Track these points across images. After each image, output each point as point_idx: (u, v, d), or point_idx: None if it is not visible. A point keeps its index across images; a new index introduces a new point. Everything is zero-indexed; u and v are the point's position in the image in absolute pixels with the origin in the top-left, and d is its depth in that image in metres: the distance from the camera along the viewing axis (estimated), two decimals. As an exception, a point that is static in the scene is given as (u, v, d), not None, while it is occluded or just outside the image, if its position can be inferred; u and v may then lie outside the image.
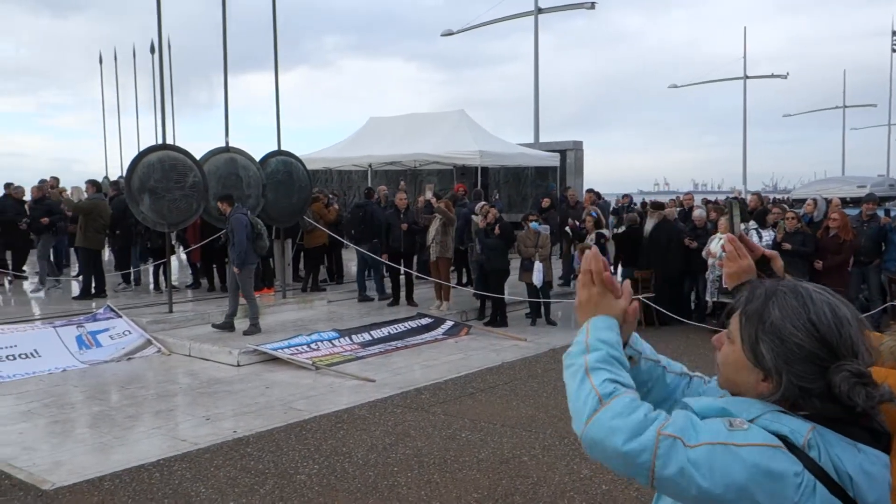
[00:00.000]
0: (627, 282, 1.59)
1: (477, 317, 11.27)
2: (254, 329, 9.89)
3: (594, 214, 11.96)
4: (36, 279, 13.76)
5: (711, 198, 26.30)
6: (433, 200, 12.06)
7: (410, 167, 20.79)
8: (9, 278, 14.33)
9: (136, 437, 6.24)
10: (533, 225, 11.47)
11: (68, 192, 15.82)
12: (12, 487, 5.07)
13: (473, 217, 11.79)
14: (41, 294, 12.86)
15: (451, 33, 29.64)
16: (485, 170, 19.12)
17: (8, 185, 14.64)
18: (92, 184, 13.28)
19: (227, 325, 10.03)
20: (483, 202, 12.68)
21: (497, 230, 10.87)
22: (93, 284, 12.37)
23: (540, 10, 25.81)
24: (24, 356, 8.64)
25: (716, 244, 10.47)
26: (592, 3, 25.36)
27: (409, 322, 10.77)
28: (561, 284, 13.48)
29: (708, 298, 10.81)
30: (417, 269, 12.68)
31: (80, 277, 12.75)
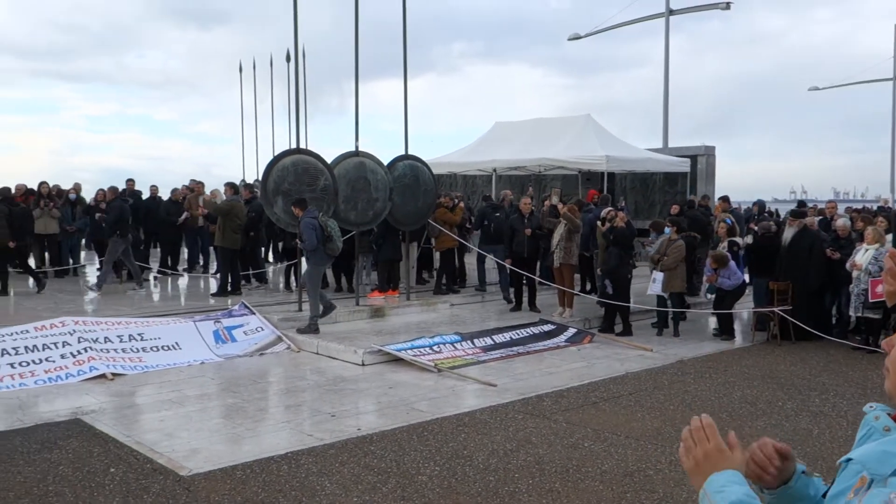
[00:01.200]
0: (732, 433, 1.45)
1: (601, 326, 11.04)
2: (311, 328, 10.05)
3: (728, 222, 11.49)
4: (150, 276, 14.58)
5: (852, 206, 24.74)
6: (559, 205, 11.93)
7: (535, 172, 20.67)
8: (154, 275, 15.28)
9: (266, 430, 6.48)
10: (666, 231, 11.16)
11: (208, 193, 16.69)
12: (154, 472, 5.37)
13: (599, 223, 11.57)
14: (93, 295, 13.03)
15: (578, 37, 29.28)
16: (611, 175, 18.76)
17: (154, 187, 15.65)
18: (230, 186, 13.95)
19: (313, 328, 10.08)
20: (609, 207, 12.44)
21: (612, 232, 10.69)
22: (229, 282, 12.99)
23: (672, 12, 25.11)
24: (166, 348, 9.16)
25: (861, 256, 9.83)
26: (727, 4, 24.42)
27: (532, 328, 10.69)
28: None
29: (851, 313, 10.15)
30: (540, 274, 12.58)
31: (218, 275, 13.41)
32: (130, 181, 16.50)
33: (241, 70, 22.19)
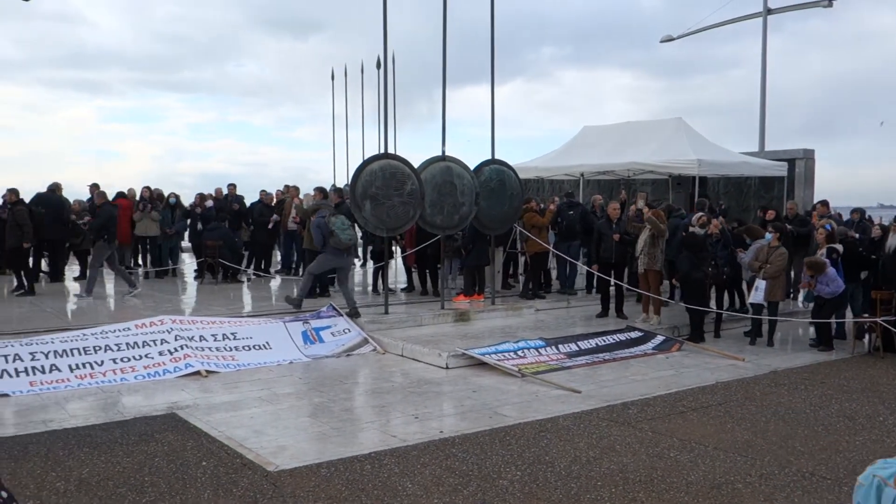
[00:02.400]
0: None
1: (689, 334, 10.75)
2: (293, 302, 11.38)
3: (828, 227, 11.02)
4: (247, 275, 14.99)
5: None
6: (645, 210, 11.70)
7: (624, 176, 20.35)
8: (249, 276, 15.77)
9: (351, 430, 6.59)
10: (767, 237, 10.82)
11: (301, 197, 17.12)
12: (243, 467, 5.54)
13: (692, 228, 11.28)
14: (85, 303, 12.51)
15: (670, 39, 28.65)
16: (703, 180, 18.28)
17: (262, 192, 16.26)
18: (319, 190, 14.26)
19: (294, 304, 11.33)
20: (700, 213, 12.12)
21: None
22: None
23: (770, 11, 24.27)
24: (257, 347, 9.43)
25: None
26: (829, 1, 23.46)
27: (618, 335, 10.53)
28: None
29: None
30: (628, 280, 12.37)
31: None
32: (231, 186, 17.10)
33: (333, 77, 22.74)
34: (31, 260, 14.42)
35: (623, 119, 22.28)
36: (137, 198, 15.90)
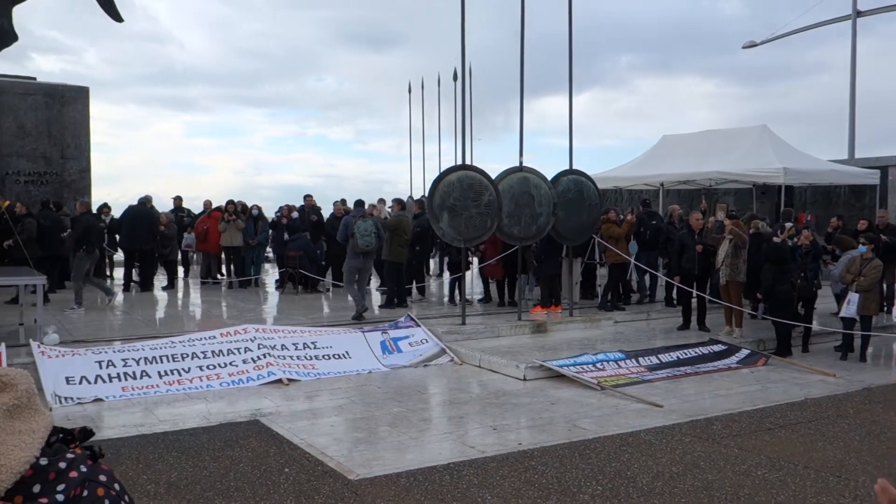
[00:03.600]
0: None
1: (775, 348, 10.39)
2: (356, 316, 11.78)
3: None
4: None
5: None
6: (726, 221, 11.40)
7: (705, 186, 19.89)
8: (328, 286, 16.05)
9: (429, 440, 6.61)
10: (861, 249, 10.40)
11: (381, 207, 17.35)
12: (324, 474, 5.62)
13: (775, 239, 10.94)
14: (76, 314, 12.18)
15: (753, 45, 27.94)
16: (789, 189, 17.71)
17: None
18: (397, 202, 14.42)
19: (356, 317, 11.76)
20: (789, 223, 11.75)
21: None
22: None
23: (859, 14, 23.43)
24: (337, 356, 9.58)
25: None
26: (924, 2, 22.47)
27: (701, 348, 10.27)
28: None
29: None
30: (710, 292, 12.06)
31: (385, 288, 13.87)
32: (308, 197, 17.46)
33: (410, 90, 23.03)
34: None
35: (704, 127, 21.84)
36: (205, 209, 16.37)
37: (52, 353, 8.48)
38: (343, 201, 16.98)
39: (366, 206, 13.50)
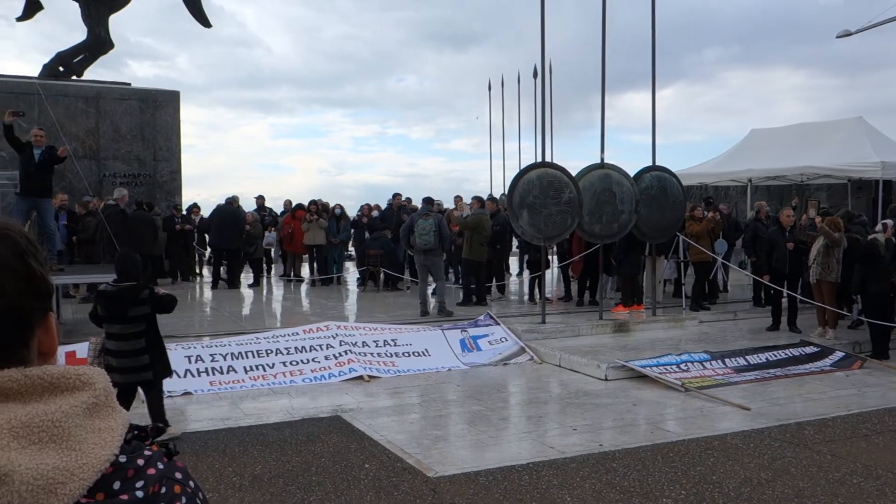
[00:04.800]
0: None
1: (871, 351, 9.92)
2: (445, 311, 11.96)
3: None
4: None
5: None
6: (817, 219, 10.94)
7: (796, 182, 19.18)
8: (408, 284, 16.17)
9: (508, 439, 6.57)
10: None
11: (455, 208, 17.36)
12: (403, 471, 5.65)
13: (877, 236, 10.43)
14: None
15: (848, 34, 26.74)
16: (887, 183, 16.89)
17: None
18: (476, 200, 14.40)
19: (423, 312, 12.01)
20: (889, 220, 11.20)
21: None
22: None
23: (964, -2, 22.11)
24: (416, 354, 9.63)
25: None
26: None
27: (791, 349, 9.89)
28: None
29: None
30: (801, 291, 11.61)
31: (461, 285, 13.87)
32: (397, 195, 17.58)
33: (489, 88, 22.99)
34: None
35: (795, 121, 21.06)
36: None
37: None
38: (397, 196, 17.18)
39: (486, 203, 13.73)
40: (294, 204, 17.75)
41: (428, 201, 13.27)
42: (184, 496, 0.92)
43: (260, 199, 19.10)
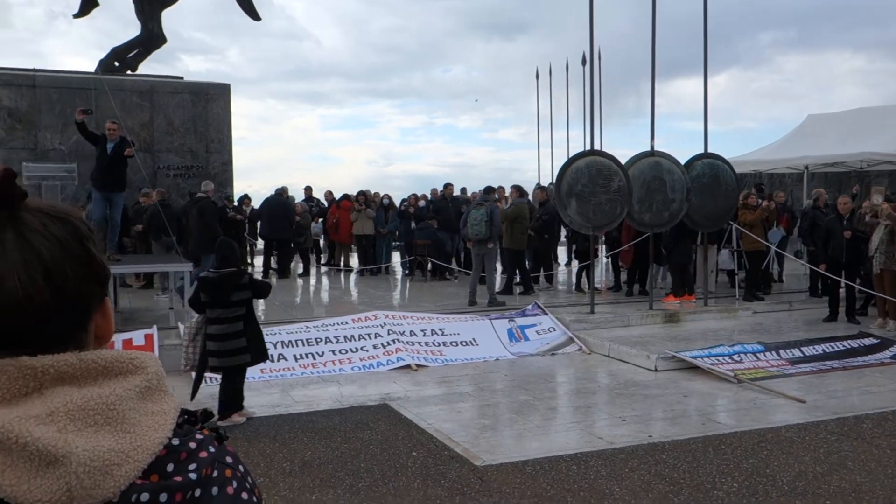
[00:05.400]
0: None
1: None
2: (494, 301, 12.00)
3: None
4: None
5: None
6: (884, 206, 10.60)
7: (855, 168, 18.64)
8: (455, 275, 16.19)
9: (556, 429, 6.53)
10: None
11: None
12: (451, 459, 5.66)
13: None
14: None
15: (911, 15, 25.86)
16: (952, 170, 16.33)
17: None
18: (515, 189, 14.33)
19: (471, 302, 12.02)
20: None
21: None
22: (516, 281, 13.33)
23: None
24: (464, 343, 9.64)
25: None
26: None
27: (849, 341, 9.63)
28: None
29: None
30: (861, 281, 11.29)
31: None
32: (449, 185, 17.54)
33: (537, 76, 22.80)
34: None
35: (854, 105, 20.46)
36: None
37: (197, 336, 8.97)
38: (448, 186, 17.12)
39: (534, 192, 13.78)
40: (338, 195, 17.88)
41: (488, 190, 13.22)
42: (234, 480, 0.93)
43: (307, 189, 19.29)
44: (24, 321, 0.87)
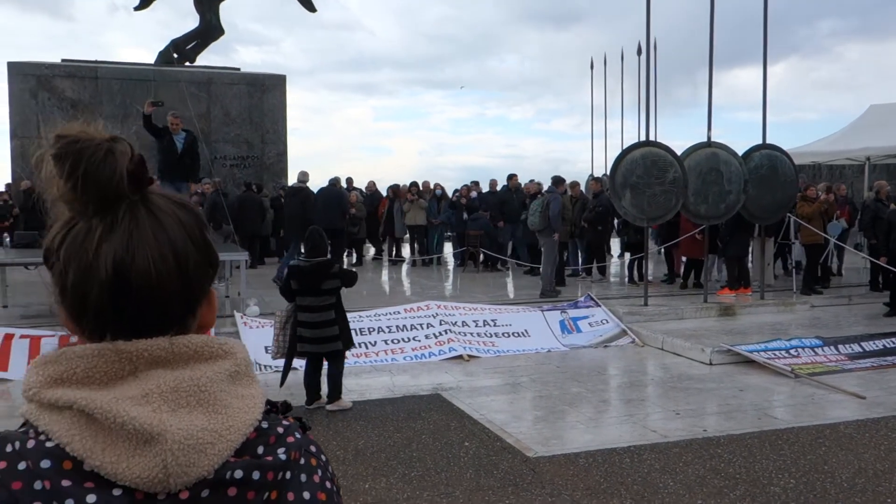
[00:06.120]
0: None
1: None
2: (547, 293, 12.00)
3: None
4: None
5: None
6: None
7: (920, 159, 18.06)
8: (508, 265, 16.18)
9: (609, 421, 6.52)
10: None
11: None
12: (503, 450, 5.70)
13: None
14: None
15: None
16: None
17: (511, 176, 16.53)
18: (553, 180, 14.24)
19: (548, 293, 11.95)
20: None
21: None
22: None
23: None
24: (516, 334, 9.64)
25: None
26: None
27: (912, 336, 9.36)
28: None
29: None
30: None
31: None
32: (513, 176, 17.37)
33: (591, 67, 22.60)
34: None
35: (920, 95, 19.77)
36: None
37: (252, 324, 9.16)
38: (513, 177, 16.99)
39: (588, 183, 13.79)
40: (385, 186, 18.01)
41: (556, 181, 13.10)
42: (319, 468, 0.97)
43: (349, 181, 19.42)
44: (150, 298, 0.90)
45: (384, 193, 18.30)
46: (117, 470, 0.84)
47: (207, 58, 18.62)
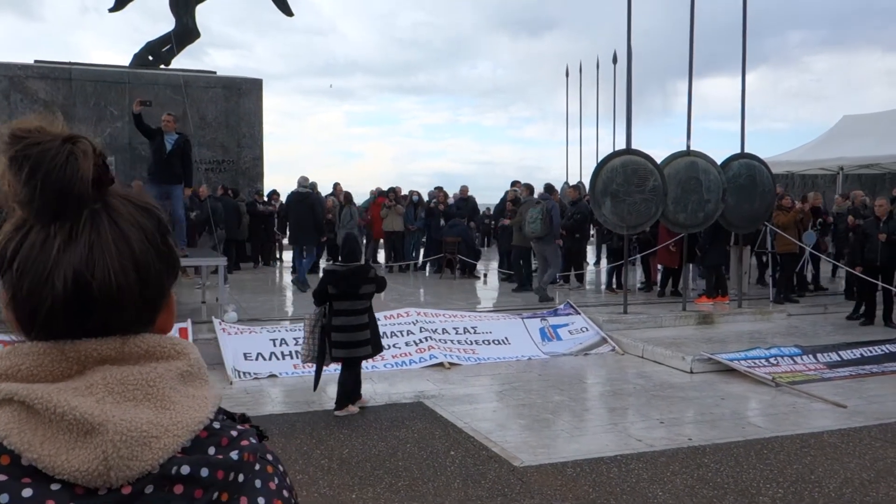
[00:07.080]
0: None
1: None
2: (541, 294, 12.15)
3: None
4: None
5: None
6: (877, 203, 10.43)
7: (892, 170, 18.35)
8: (485, 272, 16.15)
9: (593, 430, 6.48)
10: None
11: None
12: (489, 459, 5.63)
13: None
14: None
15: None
16: None
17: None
18: (526, 187, 14.25)
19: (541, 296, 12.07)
20: None
21: None
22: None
23: None
24: (496, 342, 9.59)
25: None
26: None
27: (888, 345, 9.46)
28: None
29: None
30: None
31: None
32: (516, 183, 17.34)
33: (567, 75, 22.68)
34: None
35: (888, 106, 20.14)
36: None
37: (231, 331, 9.01)
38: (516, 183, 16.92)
39: (565, 190, 13.84)
40: (360, 191, 17.92)
41: (548, 189, 13.38)
42: (276, 477, 0.92)
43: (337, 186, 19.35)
44: (108, 310, 0.86)
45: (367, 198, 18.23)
46: (55, 463, 0.80)
47: (180, 62, 18.41)
